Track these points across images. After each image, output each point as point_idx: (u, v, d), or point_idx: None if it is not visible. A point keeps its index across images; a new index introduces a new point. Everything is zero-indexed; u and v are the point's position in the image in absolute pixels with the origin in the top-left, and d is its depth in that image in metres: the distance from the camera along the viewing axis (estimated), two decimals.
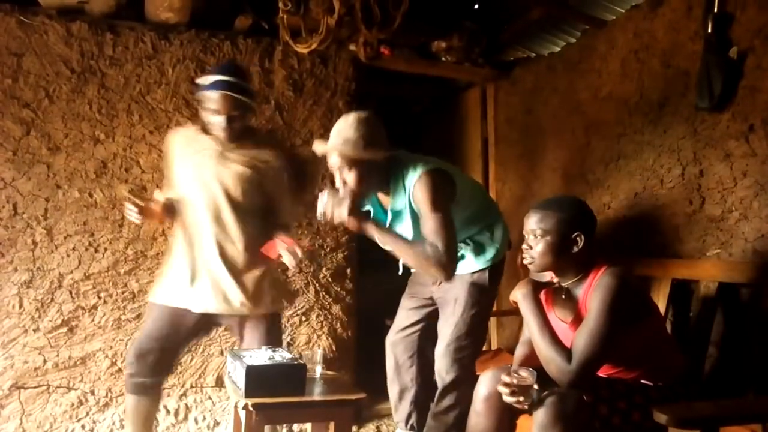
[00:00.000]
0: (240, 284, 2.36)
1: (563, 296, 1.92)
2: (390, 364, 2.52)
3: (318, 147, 2.23)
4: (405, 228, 2.27)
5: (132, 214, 2.31)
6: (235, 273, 2.36)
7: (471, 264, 2.33)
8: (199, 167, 2.39)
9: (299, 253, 2.32)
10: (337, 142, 2.16)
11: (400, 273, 2.45)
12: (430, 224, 2.11)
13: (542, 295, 1.98)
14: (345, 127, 2.17)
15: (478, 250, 2.33)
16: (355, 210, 2.12)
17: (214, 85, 2.31)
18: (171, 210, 2.42)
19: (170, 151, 2.48)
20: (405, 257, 2.18)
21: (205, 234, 2.37)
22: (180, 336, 2.39)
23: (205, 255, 2.37)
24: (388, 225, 2.28)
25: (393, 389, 2.52)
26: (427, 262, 2.09)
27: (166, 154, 2.51)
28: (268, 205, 2.47)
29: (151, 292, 2.48)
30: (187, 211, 2.41)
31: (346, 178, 2.17)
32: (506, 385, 1.77)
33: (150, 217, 2.39)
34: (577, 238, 1.84)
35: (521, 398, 1.75)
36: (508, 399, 1.77)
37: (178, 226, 2.46)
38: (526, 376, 1.77)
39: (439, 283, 2.39)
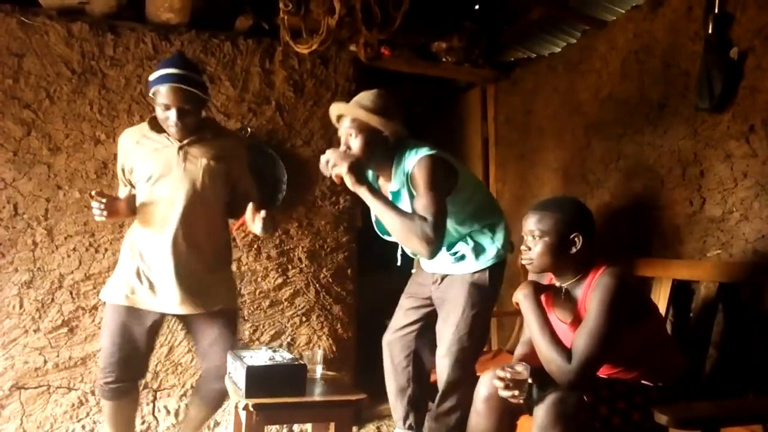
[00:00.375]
0: (200, 281, 2.31)
1: (562, 297, 1.92)
2: (387, 364, 2.52)
3: (333, 108, 2.26)
4: (405, 208, 2.23)
5: (97, 212, 2.24)
6: (196, 270, 2.31)
7: (471, 264, 2.32)
8: (158, 165, 2.30)
9: (262, 216, 2.22)
10: (352, 105, 2.21)
11: (399, 263, 2.43)
12: (422, 201, 2.08)
13: (542, 296, 1.99)
14: (363, 96, 2.23)
15: (479, 249, 2.32)
16: (356, 167, 2.10)
17: (162, 79, 2.23)
18: (132, 207, 2.37)
19: (124, 153, 2.37)
20: (391, 225, 2.10)
21: (167, 231, 2.28)
22: (145, 335, 2.33)
23: (164, 253, 2.29)
24: None
25: (390, 389, 2.51)
26: (412, 234, 2.04)
27: (119, 158, 2.40)
28: (233, 194, 2.42)
29: (103, 291, 2.38)
30: (147, 209, 2.32)
31: (351, 144, 2.18)
32: (501, 379, 1.79)
33: (115, 215, 2.31)
34: (576, 239, 1.84)
35: (516, 392, 1.77)
36: (503, 393, 1.80)
37: (132, 226, 2.41)
38: (521, 370, 1.79)
39: (439, 282, 2.39)
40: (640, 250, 2.69)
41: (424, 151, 2.15)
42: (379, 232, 2.40)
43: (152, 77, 2.27)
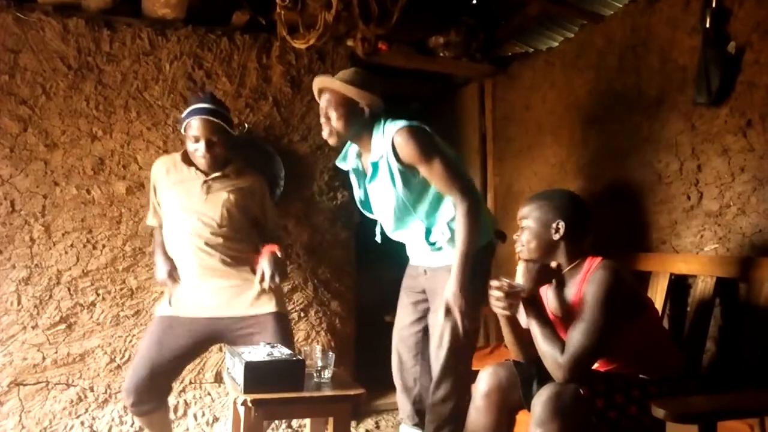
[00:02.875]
0: (227, 292, 2.45)
1: (555, 290, 1.93)
2: (394, 361, 2.54)
3: (315, 82, 2.38)
4: (382, 179, 2.30)
5: None
6: (222, 289, 2.45)
7: (449, 255, 2.29)
8: (183, 197, 2.44)
9: (269, 264, 2.40)
10: (330, 79, 2.33)
11: (378, 241, 2.52)
12: (435, 175, 2.22)
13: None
14: (342, 72, 2.35)
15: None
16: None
17: (193, 112, 2.40)
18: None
19: (155, 179, 2.53)
20: (474, 240, 2.22)
21: (189, 261, 2.44)
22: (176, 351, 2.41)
23: (189, 279, 2.46)
24: (368, 180, 2.37)
25: (398, 386, 2.54)
26: (473, 216, 2.19)
27: (151, 181, 2.55)
28: (255, 225, 2.57)
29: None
30: (172, 238, 2.48)
31: (330, 115, 2.30)
32: (498, 288, 1.82)
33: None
34: (557, 226, 1.89)
35: (509, 303, 1.82)
36: (496, 304, 1.84)
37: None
38: (516, 284, 1.84)
39: (425, 273, 2.41)
40: (638, 245, 2.69)
41: (403, 123, 2.24)
42: (362, 210, 2.52)
43: (184, 114, 2.44)
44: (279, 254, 2.44)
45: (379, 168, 2.30)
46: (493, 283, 1.84)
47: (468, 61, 3.58)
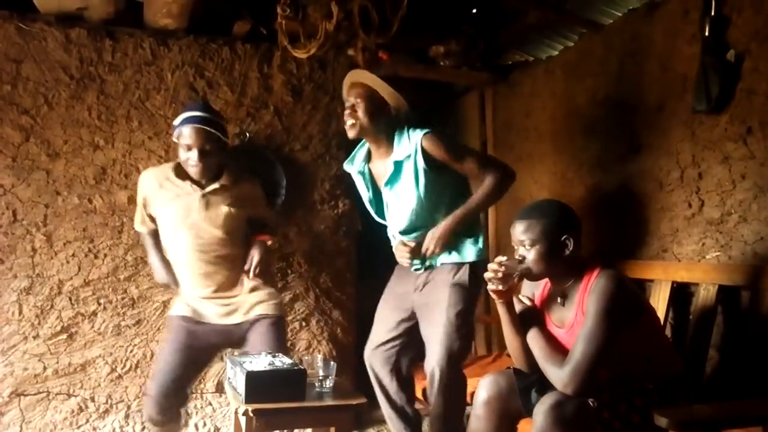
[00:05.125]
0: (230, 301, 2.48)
1: (558, 301, 1.92)
2: (372, 378, 2.52)
3: (348, 76, 2.43)
4: (406, 179, 2.34)
5: None
6: (224, 295, 2.48)
7: (446, 266, 2.35)
8: (181, 212, 2.41)
9: (257, 252, 2.44)
10: (366, 73, 2.40)
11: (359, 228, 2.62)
12: (468, 166, 2.33)
13: (537, 301, 1.99)
14: (375, 75, 2.40)
15: (458, 247, 2.36)
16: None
17: (185, 121, 2.37)
18: None
19: (145, 193, 2.49)
20: (484, 205, 2.43)
21: (193, 271, 2.45)
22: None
23: (193, 289, 2.47)
24: (387, 179, 2.40)
25: (381, 403, 2.52)
26: (497, 187, 2.33)
27: (139, 193, 2.52)
28: (253, 227, 2.58)
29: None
30: (172, 251, 2.49)
31: (358, 108, 2.34)
32: (494, 271, 1.84)
33: None
34: (567, 241, 1.84)
35: (500, 286, 1.84)
36: (490, 286, 1.86)
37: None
38: (512, 264, 1.85)
39: (420, 288, 2.40)
40: (639, 253, 2.69)
41: (428, 128, 2.32)
42: (371, 211, 2.56)
43: (176, 121, 2.41)
44: (269, 243, 2.48)
45: (404, 168, 2.34)
46: (492, 266, 1.86)
47: (468, 70, 3.59)
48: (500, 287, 1.87)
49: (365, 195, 2.55)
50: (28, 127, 2.82)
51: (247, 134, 3.11)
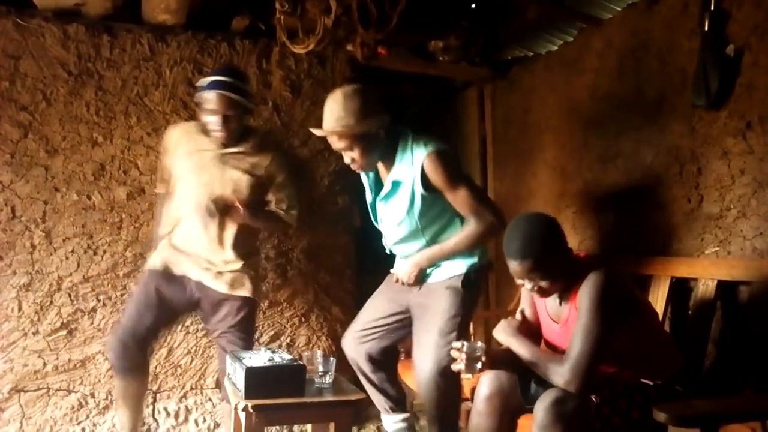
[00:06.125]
0: (222, 272, 2.48)
1: (555, 297, 1.93)
2: (351, 362, 2.52)
3: (316, 132, 2.28)
4: (401, 199, 2.28)
5: None
6: (219, 263, 2.48)
7: (447, 270, 2.32)
8: (196, 167, 2.44)
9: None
10: (331, 122, 2.20)
11: (388, 252, 2.50)
12: (459, 199, 2.21)
13: (535, 297, 1.99)
14: (335, 107, 2.20)
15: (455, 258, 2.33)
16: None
17: (210, 85, 2.38)
18: None
19: (169, 145, 2.54)
20: (461, 250, 2.27)
21: (192, 227, 2.45)
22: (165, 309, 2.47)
23: (187, 242, 2.47)
24: (383, 195, 2.33)
25: (364, 384, 2.50)
26: (479, 236, 2.22)
27: (164, 147, 2.56)
28: (266, 201, 2.56)
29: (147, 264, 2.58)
30: (179, 202, 2.48)
31: (353, 156, 2.23)
32: (458, 350, 1.84)
33: None
34: (560, 258, 1.85)
35: (463, 368, 1.82)
36: (454, 366, 1.86)
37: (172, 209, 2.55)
38: (477, 347, 1.84)
39: (419, 289, 2.37)
40: (638, 248, 2.69)
41: (432, 146, 2.21)
42: (371, 213, 2.50)
43: (200, 83, 2.42)
44: (243, 212, 2.40)
45: (400, 189, 2.27)
46: (455, 344, 1.86)
47: (467, 65, 3.58)
48: (470, 376, 1.88)
49: (368, 198, 2.50)
50: (27, 123, 2.82)
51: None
